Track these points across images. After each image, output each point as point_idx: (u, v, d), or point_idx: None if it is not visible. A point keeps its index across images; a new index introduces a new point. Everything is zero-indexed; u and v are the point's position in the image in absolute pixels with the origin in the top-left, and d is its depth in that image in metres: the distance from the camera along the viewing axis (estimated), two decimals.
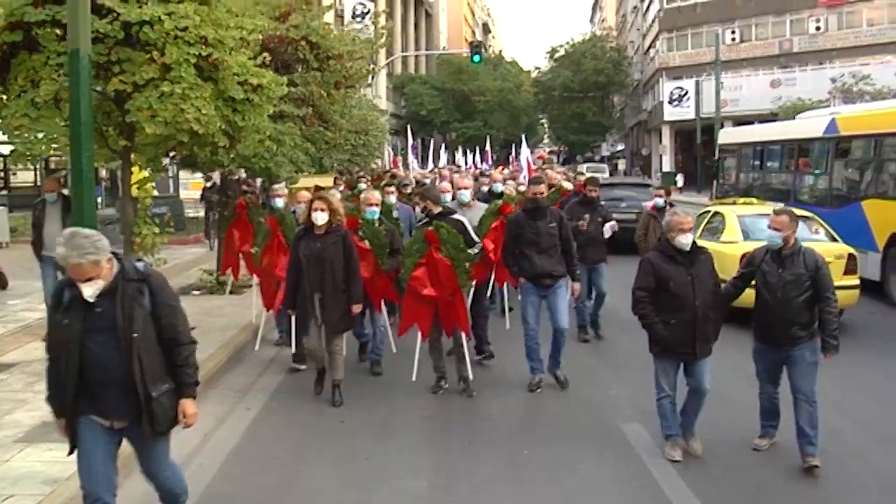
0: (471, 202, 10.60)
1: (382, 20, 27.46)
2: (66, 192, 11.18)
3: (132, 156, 10.53)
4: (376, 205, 9.59)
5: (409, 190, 14.78)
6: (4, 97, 9.89)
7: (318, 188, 17.78)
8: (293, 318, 9.21)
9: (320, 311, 8.33)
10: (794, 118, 22.23)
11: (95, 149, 9.15)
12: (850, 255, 12.31)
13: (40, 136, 9.65)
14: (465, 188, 10.74)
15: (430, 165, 37.06)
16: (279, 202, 11.16)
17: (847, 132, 16.27)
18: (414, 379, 9.34)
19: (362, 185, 14.95)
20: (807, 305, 6.83)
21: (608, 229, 11.65)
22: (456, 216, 9.42)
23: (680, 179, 50.76)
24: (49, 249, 10.49)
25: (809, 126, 18.27)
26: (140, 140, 10.18)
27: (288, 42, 14.59)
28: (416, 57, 72.14)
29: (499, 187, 13.65)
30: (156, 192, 13.89)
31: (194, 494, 5.80)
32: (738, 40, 57.86)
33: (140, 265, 4.84)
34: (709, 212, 14.29)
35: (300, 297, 8.44)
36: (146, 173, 11.28)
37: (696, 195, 42.18)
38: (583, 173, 19.23)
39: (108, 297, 4.56)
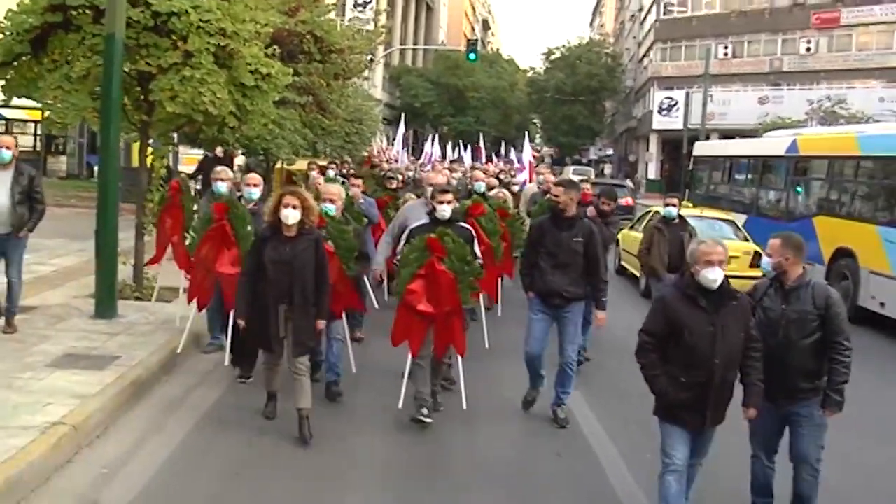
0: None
1: (384, 19, 28.69)
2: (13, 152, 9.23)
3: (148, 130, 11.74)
4: (333, 201, 8.27)
5: (393, 184, 14.20)
6: (36, 69, 11.15)
7: (289, 174, 18.48)
8: (230, 324, 8.27)
9: (285, 325, 7.11)
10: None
11: None
12: (756, 253, 14.23)
13: (70, 106, 10.87)
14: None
15: (424, 158, 37.79)
16: (221, 186, 9.36)
17: (805, 152, 17.59)
18: (400, 406, 7.85)
19: (330, 173, 14.62)
20: (814, 351, 5.70)
21: None
22: (463, 224, 8.44)
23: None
24: None
25: (774, 144, 19.61)
26: (156, 116, 11.37)
27: (295, 35, 15.82)
28: (414, 49, 73.07)
29: (480, 187, 12.55)
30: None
31: None
32: (730, 55, 59.10)
33: None
34: (649, 211, 16.85)
35: (258, 306, 7.13)
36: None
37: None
38: (587, 180, 19.25)
39: None
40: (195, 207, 10.14)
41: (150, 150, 11.94)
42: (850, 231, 15.06)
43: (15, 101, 31.19)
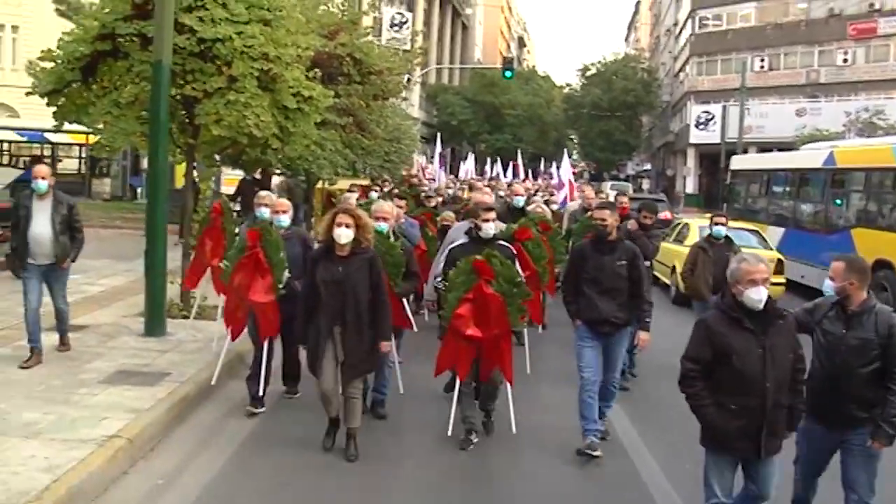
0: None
1: (420, 40, 29.08)
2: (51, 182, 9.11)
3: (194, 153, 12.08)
4: (386, 219, 8.28)
5: (432, 203, 14.32)
6: (86, 95, 11.54)
7: (329, 195, 18.56)
8: (264, 354, 8.17)
9: (341, 346, 7.01)
10: None
11: None
12: (779, 261, 14.95)
13: (119, 131, 11.24)
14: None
15: (462, 175, 37.88)
16: (264, 212, 8.81)
17: (842, 165, 17.59)
18: (450, 434, 7.67)
19: (374, 195, 14.47)
20: (871, 379, 5.44)
21: None
22: (504, 242, 8.32)
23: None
24: (36, 257, 9.05)
25: (811, 157, 19.64)
26: (201, 139, 11.71)
27: (335, 57, 16.17)
28: (451, 68, 73.57)
29: (520, 202, 12.54)
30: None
31: None
32: (766, 68, 58.79)
33: None
34: (679, 223, 17.51)
35: (313, 329, 7.08)
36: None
37: None
38: (624, 193, 19.10)
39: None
40: (236, 231, 9.76)
41: (195, 172, 12.27)
42: (889, 242, 15.05)
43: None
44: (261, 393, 8.14)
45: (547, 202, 16.75)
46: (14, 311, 11.50)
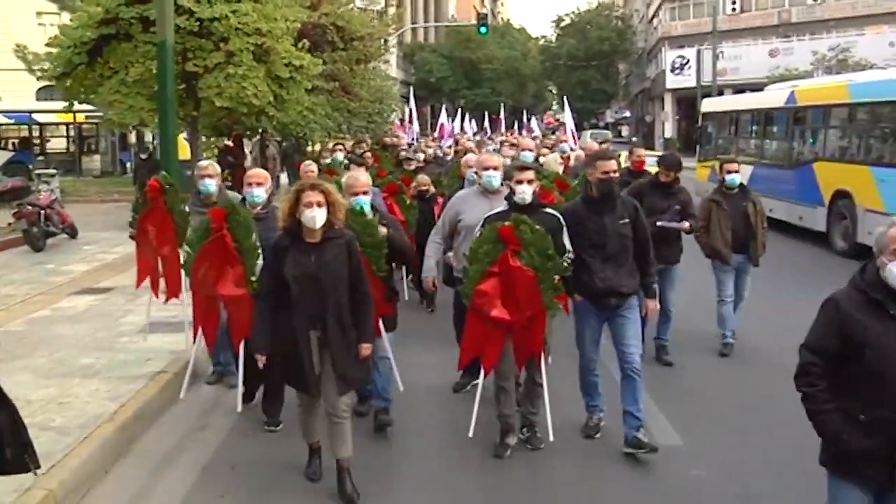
0: (500, 186, 7.13)
1: (393, 8, 30.07)
2: None
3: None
4: (365, 192, 6.64)
5: (412, 165, 12.85)
6: (92, 76, 12.50)
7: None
8: (241, 358, 6.78)
9: (320, 356, 5.63)
10: None
11: None
12: None
13: (128, 108, 12.21)
14: (495, 168, 7.31)
15: (441, 132, 38.15)
16: (210, 184, 7.75)
17: (803, 103, 18.62)
18: (471, 434, 6.37)
19: (339, 156, 12.73)
20: None
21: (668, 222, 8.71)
22: (550, 210, 6.77)
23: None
24: None
25: (774, 97, 20.63)
26: (202, 111, 12.69)
27: (319, 27, 17.11)
28: (426, 26, 73.88)
29: (528, 157, 11.19)
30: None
31: None
32: (738, 10, 59.44)
33: None
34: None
35: (284, 335, 5.62)
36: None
37: (692, 159, 44.27)
38: (607, 141, 16.71)
39: None
40: (185, 209, 8.30)
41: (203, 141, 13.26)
42: (847, 174, 16.13)
43: (45, 105, 32.75)
44: (239, 408, 6.97)
45: (551, 148, 15.99)
46: (42, 280, 12.60)
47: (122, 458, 6.35)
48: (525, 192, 6.48)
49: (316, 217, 5.45)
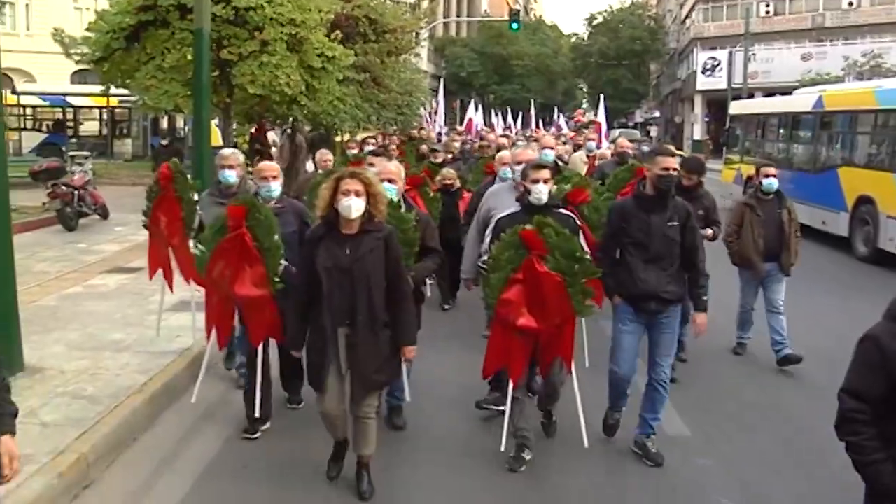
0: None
1: (426, 2, 30.36)
2: None
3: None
4: (392, 181, 6.49)
5: (439, 158, 12.56)
6: (129, 61, 12.82)
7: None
8: (251, 360, 6.56)
9: (347, 355, 5.43)
10: None
11: None
12: None
13: (164, 93, 12.52)
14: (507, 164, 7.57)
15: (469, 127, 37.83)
16: (230, 175, 7.38)
17: (830, 108, 18.68)
18: (503, 448, 6.10)
19: (369, 148, 12.14)
20: None
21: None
22: (565, 210, 6.66)
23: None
24: None
25: (802, 101, 20.70)
26: (236, 98, 12.99)
27: (352, 18, 17.41)
28: (458, 21, 74.03)
29: (549, 156, 10.43)
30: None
31: None
32: (772, 13, 59.25)
33: None
34: None
35: (315, 331, 5.51)
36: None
37: (720, 162, 44.27)
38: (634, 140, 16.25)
39: None
40: (195, 198, 7.97)
41: (235, 127, 13.57)
42: (871, 180, 16.20)
43: (80, 88, 33.31)
44: (257, 414, 6.48)
45: (577, 148, 15.69)
46: (74, 258, 12.95)
47: (150, 428, 6.64)
48: (541, 192, 6.25)
49: (352, 206, 5.22)
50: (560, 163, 11.62)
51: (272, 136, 19.87)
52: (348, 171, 5.44)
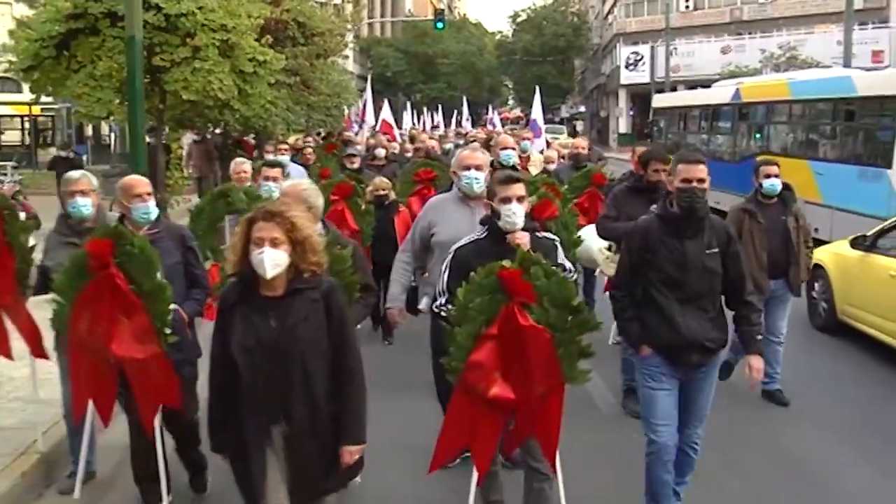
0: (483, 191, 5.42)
1: (350, 7, 30.68)
2: None
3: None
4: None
5: (355, 163, 11.05)
6: (59, 70, 12.80)
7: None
8: (158, 442, 5.05)
9: (287, 459, 3.99)
10: None
11: None
12: None
13: (97, 101, 12.57)
14: (478, 167, 5.60)
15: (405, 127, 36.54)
16: (83, 205, 5.37)
17: (747, 99, 19.43)
18: None
19: (284, 158, 10.72)
20: None
21: None
22: (546, 234, 5.25)
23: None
24: None
25: (721, 93, 21.48)
26: (168, 104, 13.11)
27: (281, 22, 17.64)
28: (382, 21, 74.20)
29: (510, 157, 8.15)
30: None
31: None
32: (691, 8, 60.50)
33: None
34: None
35: (236, 430, 3.99)
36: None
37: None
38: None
39: None
40: (31, 242, 5.59)
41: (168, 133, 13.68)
42: (788, 167, 16.84)
43: (1, 97, 32.63)
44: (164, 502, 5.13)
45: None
46: None
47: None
48: (515, 215, 4.71)
49: (265, 261, 3.75)
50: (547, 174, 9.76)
51: (185, 140, 19.05)
52: (262, 212, 3.89)
